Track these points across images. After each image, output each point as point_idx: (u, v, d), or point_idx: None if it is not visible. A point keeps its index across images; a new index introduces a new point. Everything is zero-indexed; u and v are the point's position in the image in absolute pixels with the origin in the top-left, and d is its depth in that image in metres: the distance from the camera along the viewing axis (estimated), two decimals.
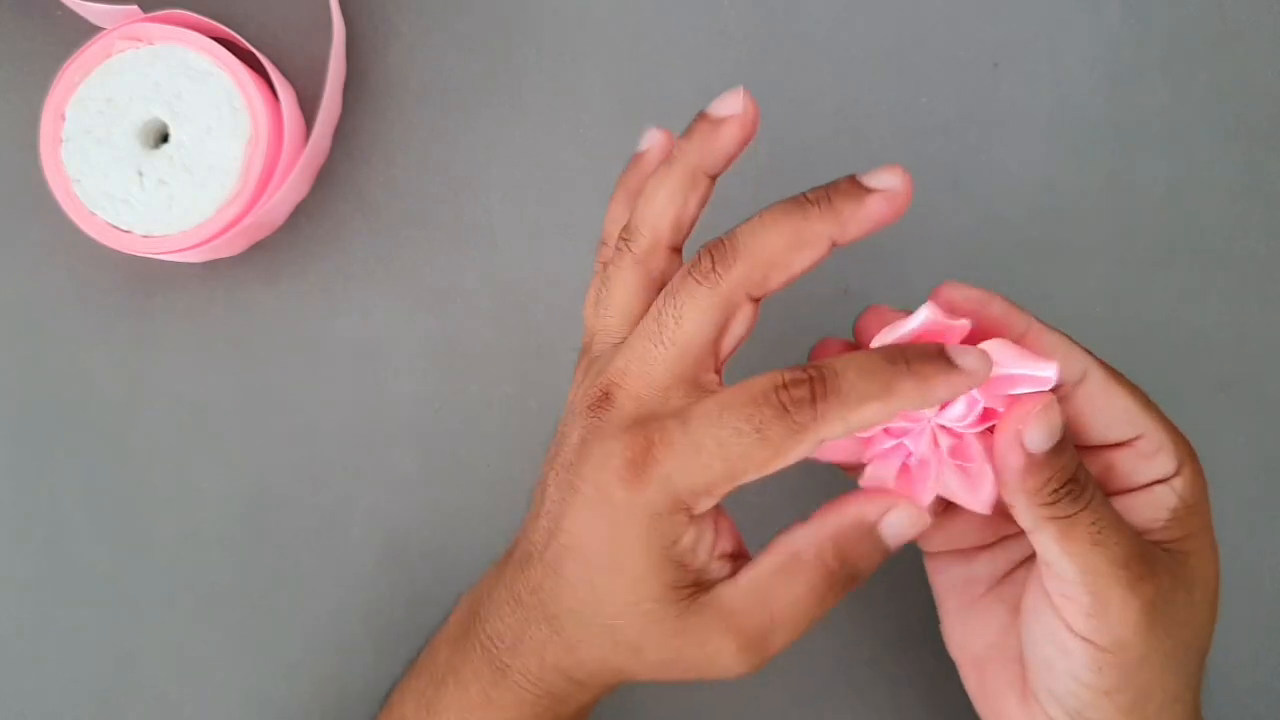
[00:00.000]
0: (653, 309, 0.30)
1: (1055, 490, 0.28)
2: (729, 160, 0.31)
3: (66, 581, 0.41)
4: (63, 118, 0.40)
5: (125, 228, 0.40)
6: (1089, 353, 0.32)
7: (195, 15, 0.41)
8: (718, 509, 0.30)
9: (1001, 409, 0.30)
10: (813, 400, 0.27)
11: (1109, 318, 0.42)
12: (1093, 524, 0.28)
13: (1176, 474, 0.31)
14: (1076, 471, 0.29)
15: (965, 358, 0.28)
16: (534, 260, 0.42)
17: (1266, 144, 0.42)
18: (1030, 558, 0.33)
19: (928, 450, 0.31)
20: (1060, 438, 0.28)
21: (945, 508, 0.34)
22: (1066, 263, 0.42)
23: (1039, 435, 0.28)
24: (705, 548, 0.30)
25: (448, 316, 0.42)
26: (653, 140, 0.33)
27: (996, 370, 0.29)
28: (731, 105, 0.30)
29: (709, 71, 0.43)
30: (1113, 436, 0.31)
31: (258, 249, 0.42)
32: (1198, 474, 0.31)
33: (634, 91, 0.43)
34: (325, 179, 0.43)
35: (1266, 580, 0.41)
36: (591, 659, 0.31)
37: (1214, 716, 0.36)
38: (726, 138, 0.30)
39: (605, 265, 0.32)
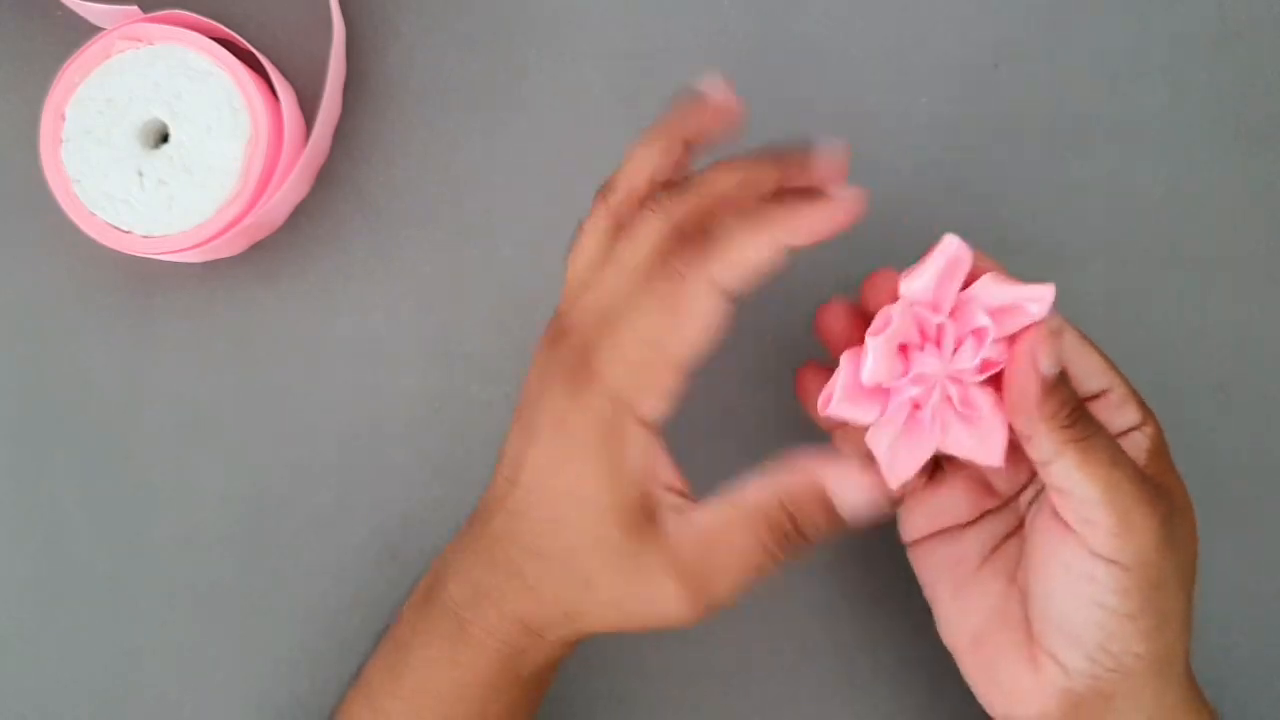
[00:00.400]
0: (616, 245, 0.31)
1: (1071, 412, 0.29)
2: (702, 132, 0.32)
3: (66, 581, 0.41)
4: (63, 118, 0.40)
5: (125, 228, 0.40)
6: (1060, 319, 0.33)
7: (195, 15, 0.41)
8: (657, 430, 0.31)
9: (1001, 359, 0.30)
10: (695, 253, 0.29)
11: (1109, 318, 0.42)
12: (1108, 444, 0.30)
13: (1144, 423, 0.32)
14: (1080, 400, 0.30)
15: (837, 188, 0.29)
16: (534, 260, 0.42)
17: (1266, 144, 0.42)
18: (1017, 530, 0.34)
19: (938, 403, 0.31)
20: (1061, 373, 0.30)
21: (926, 483, 0.35)
22: (1066, 263, 0.42)
23: (1050, 358, 0.29)
24: (652, 469, 0.30)
25: (448, 316, 0.42)
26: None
27: (999, 299, 0.30)
28: (711, 86, 0.32)
29: (709, 71, 0.43)
30: (1088, 389, 0.33)
31: (258, 249, 0.42)
32: (1158, 426, 0.33)
33: (634, 91, 0.43)
34: (325, 179, 0.43)
35: (1266, 580, 0.41)
36: (546, 598, 0.31)
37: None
38: (700, 110, 0.32)
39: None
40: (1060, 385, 0.30)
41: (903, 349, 0.31)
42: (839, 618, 0.41)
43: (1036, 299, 0.30)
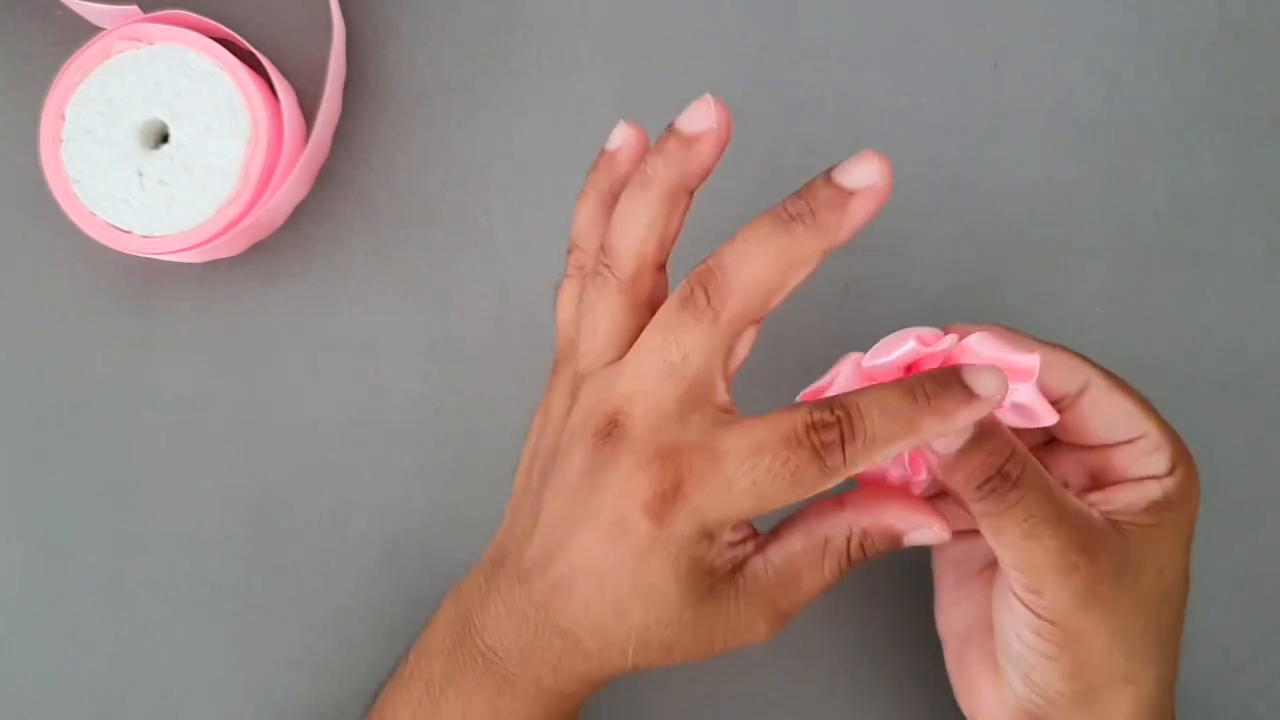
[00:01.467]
0: (653, 346, 0.29)
1: (979, 486, 0.29)
2: (705, 175, 0.30)
3: (66, 581, 0.41)
4: (63, 118, 0.40)
5: (125, 228, 0.40)
6: (1089, 362, 0.32)
7: (195, 15, 0.41)
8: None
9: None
10: (841, 443, 0.28)
11: (1109, 318, 0.42)
12: (1025, 519, 0.29)
13: (1169, 474, 0.32)
14: (1004, 466, 0.29)
15: (983, 383, 0.28)
16: (534, 260, 0.42)
17: (1266, 144, 0.42)
18: None
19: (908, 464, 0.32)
20: (975, 435, 0.29)
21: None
22: (1066, 263, 0.42)
23: (941, 442, 0.29)
24: (725, 549, 0.30)
25: (448, 316, 0.42)
26: (625, 139, 0.32)
27: (988, 354, 0.30)
28: (704, 120, 0.30)
29: (709, 71, 0.43)
30: (1115, 437, 0.32)
31: (258, 249, 0.42)
32: (1190, 478, 0.32)
33: (634, 91, 0.43)
34: (325, 179, 0.43)
35: (1266, 580, 0.41)
36: (617, 663, 0.31)
37: (1215, 716, 0.36)
38: (702, 154, 0.30)
39: (582, 276, 0.32)
40: (968, 459, 0.29)
41: None
42: (839, 618, 0.41)
43: (1022, 369, 0.30)
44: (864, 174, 0.28)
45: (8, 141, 0.43)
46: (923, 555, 0.41)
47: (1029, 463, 0.29)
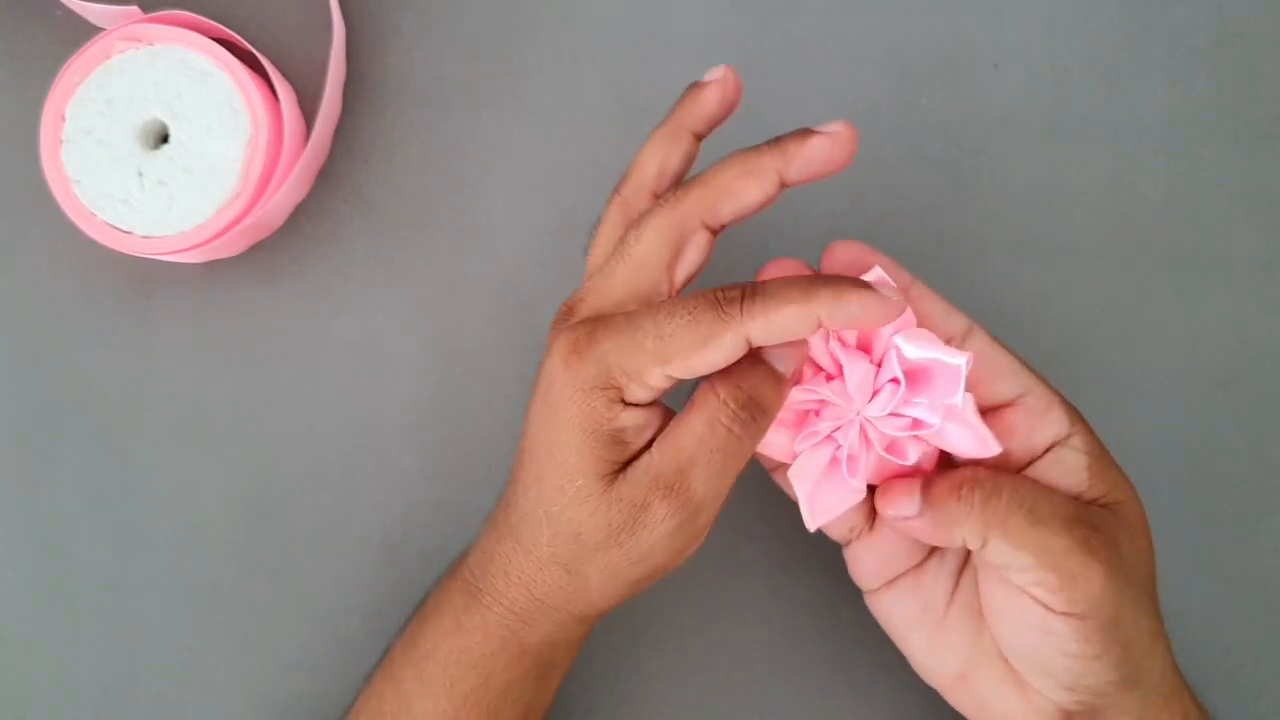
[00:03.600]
0: (621, 238, 0.32)
1: (979, 496, 0.31)
2: (710, 121, 0.33)
3: (66, 581, 0.41)
4: (63, 118, 0.40)
5: (125, 228, 0.40)
6: (969, 318, 0.34)
7: (195, 16, 0.41)
8: (656, 407, 0.31)
9: (930, 420, 0.31)
10: (741, 299, 0.29)
11: (1109, 318, 0.42)
12: (1021, 508, 0.30)
13: (1072, 434, 0.32)
14: (976, 472, 0.31)
15: (884, 288, 0.29)
16: (534, 260, 0.42)
17: (1267, 144, 0.42)
18: (967, 563, 0.35)
19: (856, 443, 0.32)
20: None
21: (866, 528, 0.35)
22: (1066, 263, 0.42)
23: (902, 504, 0.32)
24: (639, 430, 0.31)
25: (448, 316, 0.42)
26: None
27: (915, 351, 0.31)
28: (714, 74, 0.33)
29: (709, 71, 0.43)
30: (1002, 394, 0.33)
31: (258, 249, 0.42)
32: (1090, 430, 0.33)
33: (634, 91, 0.43)
34: (325, 179, 0.43)
35: (1266, 580, 0.41)
36: (544, 556, 0.32)
37: (1215, 716, 0.36)
38: (708, 99, 0.33)
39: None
40: (957, 480, 0.31)
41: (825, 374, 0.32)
42: (839, 617, 0.41)
43: (948, 367, 0.31)
44: (831, 125, 0.31)
45: (8, 142, 0.43)
46: None
47: (996, 472, 0.31)
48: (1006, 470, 0.32)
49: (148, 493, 0.42)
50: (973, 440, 0.32)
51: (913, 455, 0.32)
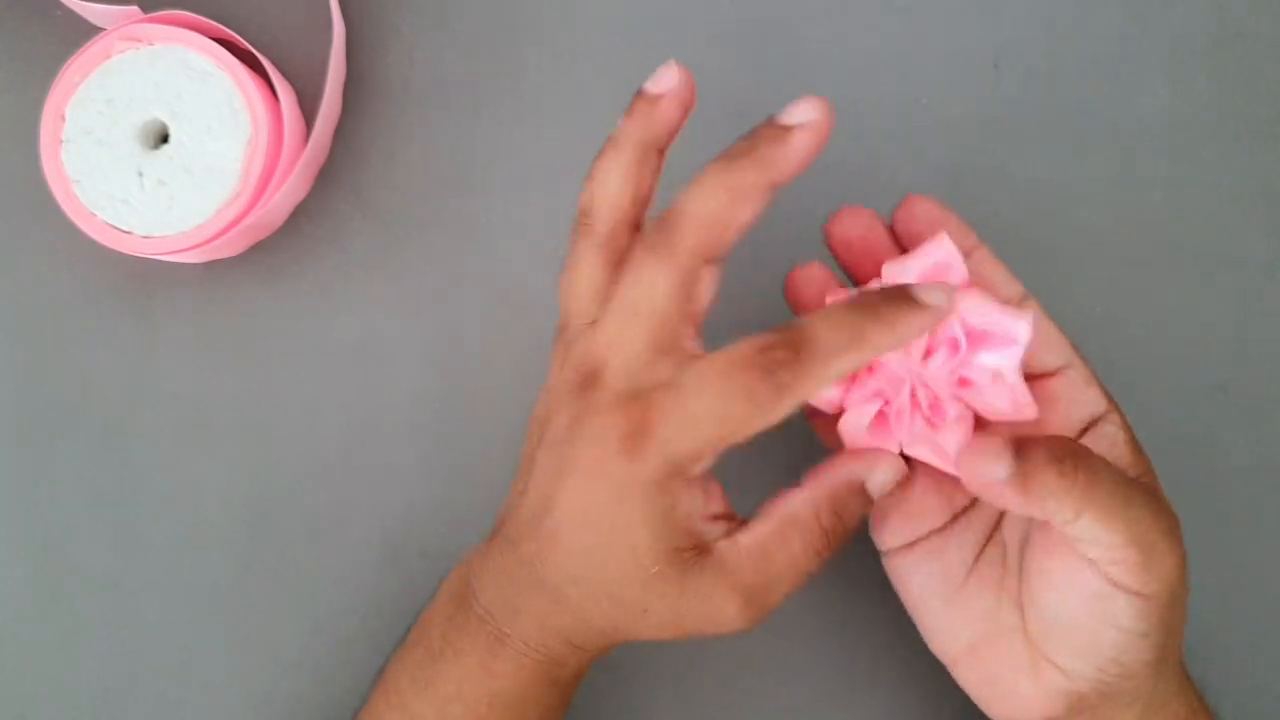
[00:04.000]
0: (621, 286, 0.31)
1: (1061, 463, 0.29)
2: (672, 133, 0.32)
3: (67, 581, 0.41)
4: (63, 118, 0.40)
5: (125, 228, 0.40)
6: (1023, 287, 0.34)
7: (195, 16, 0.41)
8: (707, 473, 0.31)
9: (977, 377, 0.31)
10: (792, 360, 0.29)
11: (1109, 318, 0.42)
12: (1112, 480, 0.29)
13: (1110, 410, 0.32)
14: (1074, 445, 0.29)
15: (929, 294, 0.29)
16: (534, 260, 0.42)
17: (1267, 144, 0.42)
18: (994, 534, 0.34)
19: (906, 402, 0.32)
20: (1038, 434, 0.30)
21: (896, 487, 0.34)
22: (1066, 263, 0.42)
23: (990, 466, 0.29)
24: (699, 511, 0.31)
25: (448, 316, 0.42)
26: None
27: (978, 320, 0.31)
28: (666, 81, 0.31)
29: (709, 71, 0.43)
30: (1048, 364, 0.33)
31: (258, 249, 0.42)
32: (1115, 405, 0.33)
33: (634, 91, 0.43)
34: (325, 179, 0.43)
35: (1266, 580, 0.41)
36: (597, 621, 0.32)
37: (1215, 716, 0.36)
38: (665, 112, 0.31)
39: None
40: (1042, 444, 0.29)
41: None
42: (839, 618, 0.41)
43: (1015, 330, 0.31)
44: (802, 111, 0.30)
45: (8, 142, 0.43)
46: None
47: (1083, 446, 0.30)
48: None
49: (148, 493, 0.42)
50: (1008, 402, 0.32)
51: (952, 414, 0.32)
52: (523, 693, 0.33)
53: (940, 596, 0.34)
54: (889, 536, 0.35)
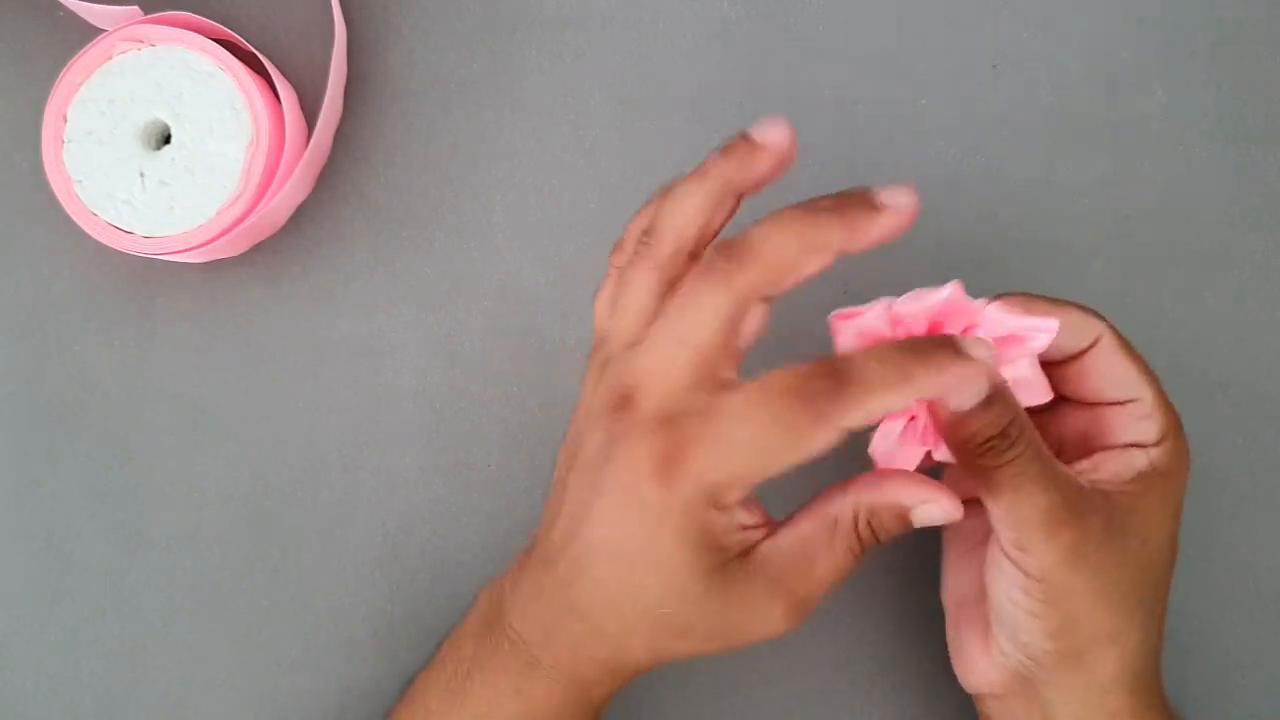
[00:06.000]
0: (669, 309, 0.30)
1: (979, 445, 0.30)
2: (759, 185, 0.31)
3: (68, 581, 0.41)
4: (65, 119, 0.40)
5: (127, 229, 0.40)
6: (1104, 320, 0.34)
7: (196, 17, 0.41)
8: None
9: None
10: (834, 390, 0.28)
11: (1109, 317, 0.42)
12: (1016, 475, 0.30)
13: (1158, 444, 0.33)
14: (1007, 428, 0.30)
15: (975, 349, 0.29)
16: (534, 260, 0.42)
17: (1265, 145, 0.42)
18: None
19: (928, 416, 0.32)
20: (988, 397, 0.30)
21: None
22: (1066, 263, 0.42)
23: (959, 398, 0.30)
24: (735, 524, 0.31)
25: (448, 316, 0.42)
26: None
27: (1003, 328, 0.31)
28: (774, 135, 0.31)
29: (709, 71, 0.43)
30: (1112, 396, 0.34)
31: (259, 250, 0.43)
32: (1179, 451, 0.33)
33: (634, 91, 0.43)
34: (326, 180, 0.43)
35: (1266, 580, 0.41)
36: (635, 650, 0.32)
37: (1215, 716, 0.36)
38: (761, 162, 0.31)
39: (621, 268, 0.33)
40: (976, 417, 0.30)
41: None
42: (839, 617, 0.41)
43: (1042, 329, 0.31)
44: (898, 197, 0.30)
45: (10, 142, 0.43)
46: (923, 553, 0.41)
47: (1027, 426, 0.31)
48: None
49: (148, 492, 0.42)
50: (1024, 390, 0.32)
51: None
52: (556, 714, 0.33)
53: (959, 549, 0.36)
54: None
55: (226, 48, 0.41)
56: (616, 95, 0.43)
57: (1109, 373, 0.34)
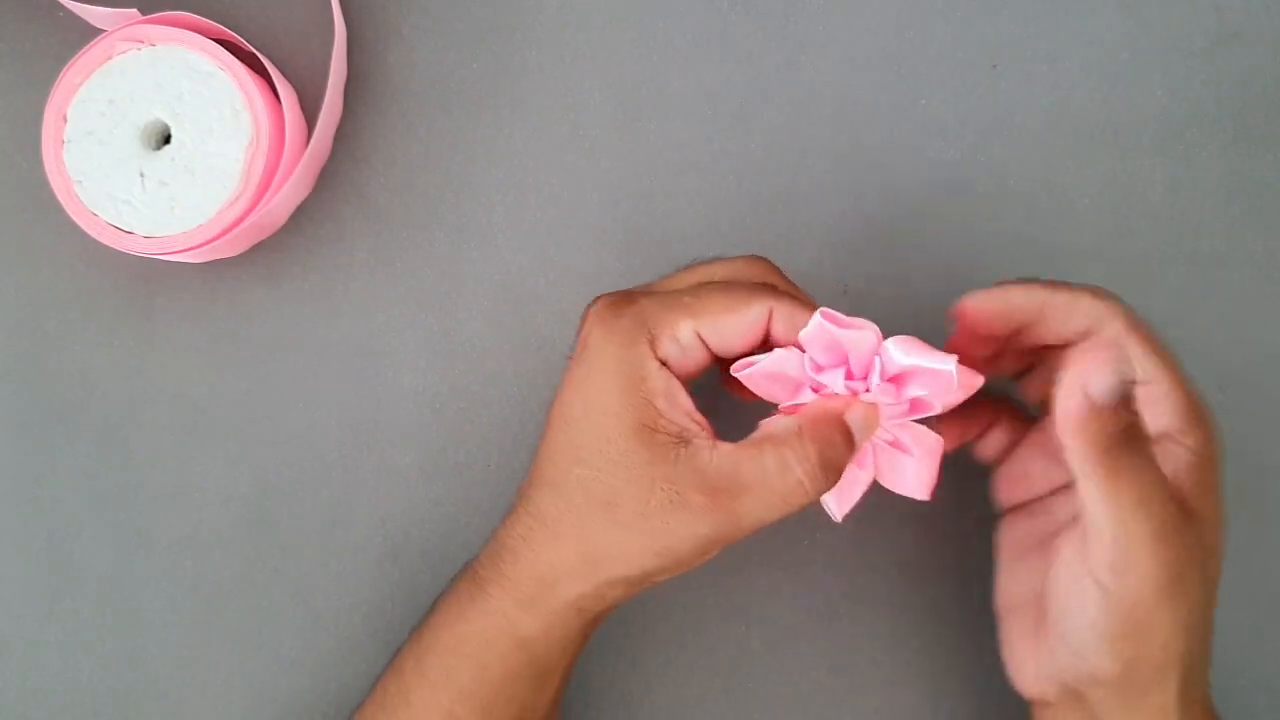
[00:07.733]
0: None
1: (1110, 436, 0.29)
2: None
3: (68, 581, 0.41)
4: (65, 119, 0.40)
5: (127, 229, 0.40)
6: (1117, 300, 0.34)
7: (196, 17, 0.41)
8: (685, 386, 0.32)
9: (935, 403, 0.32)
10: (774, 286, 0.33)
11: None
12: (1140, 483, 0.30)
13: (1188, 432, 0.32)
14: (1134, 425, 0.30)
15: (853, 415, 0.32)
16: (534, 260, 0.42)
17: (1265, 144, 0.42)
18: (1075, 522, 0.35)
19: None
20: (1124, 389, 0.30)
21: (1007, 452, 0.37)
22: (1066, 263, 0.42)
23: (1103, 384, 0.29)
24: (676, 401, 0.32)
25: (448, 316, 0.42)
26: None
27: (905, 362, 0.31)
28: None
29: (709, 71, 0.43)
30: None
31: (259, 249, 0.43)
32: (1210, 438, 0.33)
33: (634, 91, 0.43)
34: (326, 180, 0.43)
35: (1266, 580, 0.41)
36: (566, 535, 0.32)
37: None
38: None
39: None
40: (1107, 411, 0.29)
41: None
42: (839, 617, 0.41)
43: (938, 373, 0.31)
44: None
45: (10, 143, 0.43)
46: (921, 554, 0.41)
47: (1148, 436, 0.31)
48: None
49: (148, 493, 0.42)
50: (958, 388, 0.32)
51: (906, 438, 0.34)
52: (487, 640, 0.34)
53: (1015, 552, 0.36)
54: (1004, 496, 0.37)
55: (227, 48, 0.41)
56: (616, 95, 0.43)
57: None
